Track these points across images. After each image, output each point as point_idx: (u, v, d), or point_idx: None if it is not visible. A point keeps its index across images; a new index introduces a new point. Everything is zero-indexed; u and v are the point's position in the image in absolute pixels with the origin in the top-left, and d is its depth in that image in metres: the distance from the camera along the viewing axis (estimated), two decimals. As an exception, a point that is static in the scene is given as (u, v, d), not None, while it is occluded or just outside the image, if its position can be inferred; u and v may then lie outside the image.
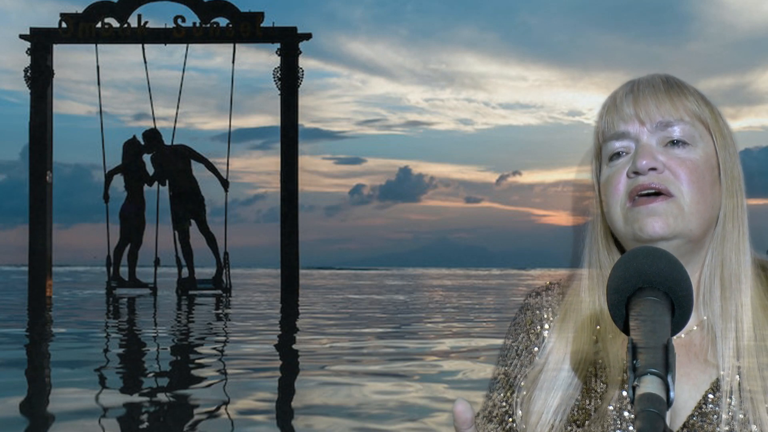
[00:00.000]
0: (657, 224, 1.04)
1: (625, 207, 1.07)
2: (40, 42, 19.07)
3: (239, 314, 14.29)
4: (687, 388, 1.05)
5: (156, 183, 19.59)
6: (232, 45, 19.32)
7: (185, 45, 19.31)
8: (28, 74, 19.02)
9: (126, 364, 7.94)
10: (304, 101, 25.89)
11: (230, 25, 18.97)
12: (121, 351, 9.01)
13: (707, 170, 1.07)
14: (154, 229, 19.62)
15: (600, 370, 1.08)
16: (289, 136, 19.07)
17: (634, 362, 0.72)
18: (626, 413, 1.04)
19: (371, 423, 4.77)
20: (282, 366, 7.81)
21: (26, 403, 5.65)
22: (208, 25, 19.02)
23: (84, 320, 12.89)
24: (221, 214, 19.71)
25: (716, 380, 1.04)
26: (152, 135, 19.43)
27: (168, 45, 19.57)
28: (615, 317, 0.82)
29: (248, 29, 18.91)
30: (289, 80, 19.00)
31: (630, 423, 1.03)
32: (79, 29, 18.98)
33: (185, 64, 19.44)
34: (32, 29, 19.28)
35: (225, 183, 19.56)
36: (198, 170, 19.67)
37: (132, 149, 19.59)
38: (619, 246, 1.12)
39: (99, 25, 19.01)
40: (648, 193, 1.05)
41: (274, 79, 19.03)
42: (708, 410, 1.03)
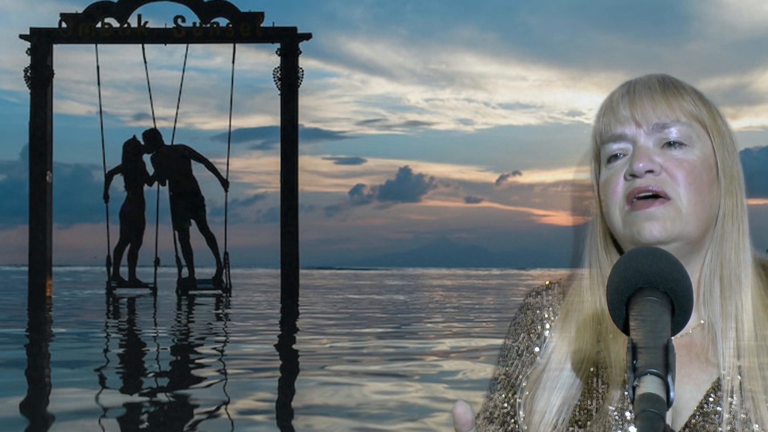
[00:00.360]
0: (655, 228, 1.04)
1: (624, 210, 1.06)
2: (40, 42, 19.07)
3: (239, 314, 14.29)
4: (688, 388, 1.05)
5: (156, 183, 19.59)
6: (232, 45, 19.32)
7: (185, 45, 19.31)
8: (28, 74, 19.02)
9: (126, 364, 7.94)
10: (304, 101, 25.91)
11: (230, 25, 18.97)
12: (121, 351, 9.01)
13: (705, 171, 1.06)
14: (154, 229, 19.67)
15: (601, 370, 1.08)
16: (289, 136, 19.07)
17: (634, 362, 0.72)
18: (627, 413, 1.04)
19: (371, 423, 4.77)
20: (282, 366, 7.81)
21: (26, 403, 5.65)
22: (208, 25, 19.02)
23: (84, 320, 12.89)
24: (221, 214, 19.75)
25: (717, 380, 1.04)
26: (152, 135, 19.43)
27: (168, 45, 19.59)
28: (615, 317, 0.82)
29: (248, 29, 18.91)
30: (289, 80, 19.00)
31: (631, 423, 1.03)
32: (79, 29, 18.98)
33: (185, 64, 19.49)
34: (32, 29, 19.28)
35: (225, 183, 19.56)
36: (198, 170, 19.70)
37: (132, 149, 19.59)
38: (619, 246, 1.12)
39: (99, 25, 19.01)
40: (645, 196, 1.05)
41: (274, 79, 19.04)
42: (710, 410, 1.03)
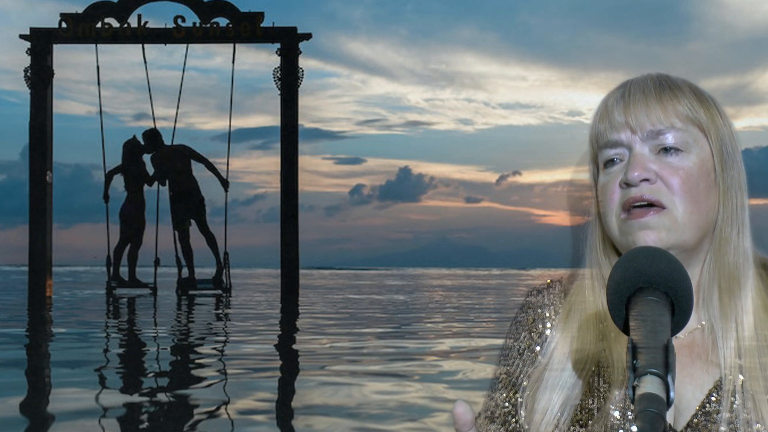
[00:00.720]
0: (650, 238, 1.03)
1: (620, 218, 1.06)
2: (40, 42, 19.06)
3: (239, 314, 14.28)
4: (690, 389, 1.05)
5: (156, 183, 19.58)
6: (232, 45, 19.31)
7: (185, 45, 19.29)
8: (28, 74, 19.01)
9: (126, 364, 7.94)
10: (304, 101, 25.86)
11: (230, 25, 18.96)
12: (121, 351, 9.01)
13: (702, 177, 1.05)
14: (154, 229, 19.63)
15: (603, 369, 1.08)
16: (289, 136, 19.05)
17: (634, 362, 0.72)
18: (629, 413, 1.04)
19: (371, 423, 4.77)
20: (282, 366, 7.81)
21: (26, 403, 5.64)
22: (208, 25, 19.01)
23: (84, 320, 12.88)
24: (221, 214, 19.72)
25: (719, 380, 1.04)
26: (152, 135, 19.42)
27: (168, 45, 19.56)
28: (615, 317, 0.82)
29: (248, 29, 18.91)
30: (289, 80, 18.99)
31: (632, 423, 1.03)
32: (79, 29, 18.97)
33: (185, 64, 19.46)
34: (32, 29, 19.26)
35: (225, 183, 19.55)
36: (198, 170, 19.67)
37: (132, 149, 19.59)
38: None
39: (99, 25, 19.00)
40: (641, 205, 1.04)
41: (274, 79, 19.02)
42: (711, 410, 1.03)
